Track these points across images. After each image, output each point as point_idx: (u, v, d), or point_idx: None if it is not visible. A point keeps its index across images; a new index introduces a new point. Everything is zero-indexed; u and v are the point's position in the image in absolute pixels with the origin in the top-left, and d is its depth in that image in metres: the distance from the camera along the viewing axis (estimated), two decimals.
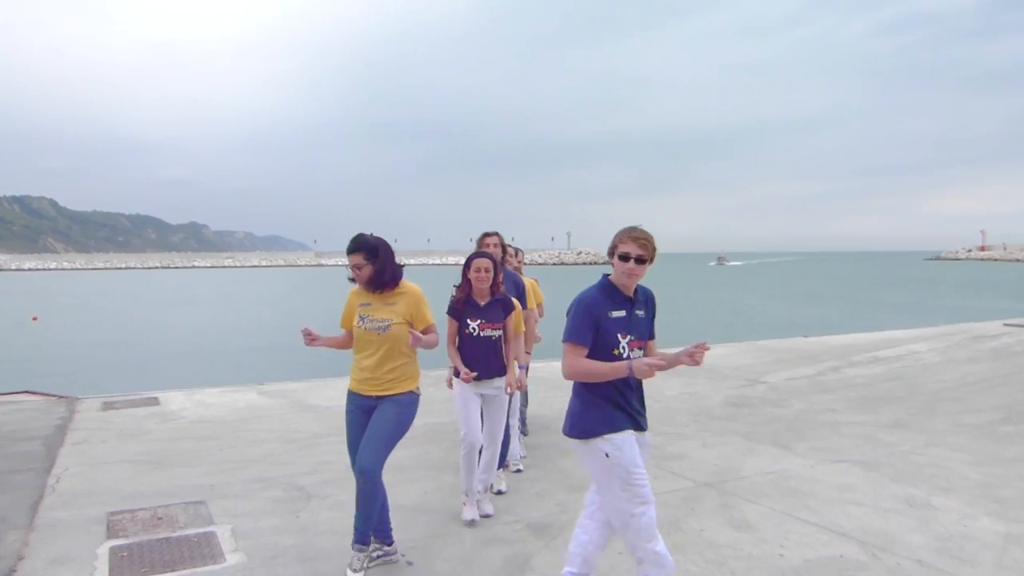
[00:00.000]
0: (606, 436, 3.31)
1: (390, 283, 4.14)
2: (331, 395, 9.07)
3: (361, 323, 4.15)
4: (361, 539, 4.10)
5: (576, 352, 3.31)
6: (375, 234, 4.18)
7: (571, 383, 3.46)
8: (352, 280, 4.22)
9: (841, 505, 5.06)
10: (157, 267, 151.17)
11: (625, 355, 3.33)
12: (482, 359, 4.89)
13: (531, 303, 6.19)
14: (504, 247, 6.10)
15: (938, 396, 8.78)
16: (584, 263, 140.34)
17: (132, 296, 55.21)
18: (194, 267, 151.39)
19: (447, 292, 6.55)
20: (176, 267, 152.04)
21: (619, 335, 3.34)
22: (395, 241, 5.16)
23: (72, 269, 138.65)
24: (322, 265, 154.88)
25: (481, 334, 4.92)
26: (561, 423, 3.55)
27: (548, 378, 9.17)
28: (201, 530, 4.73)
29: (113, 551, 4.41)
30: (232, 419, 7.76)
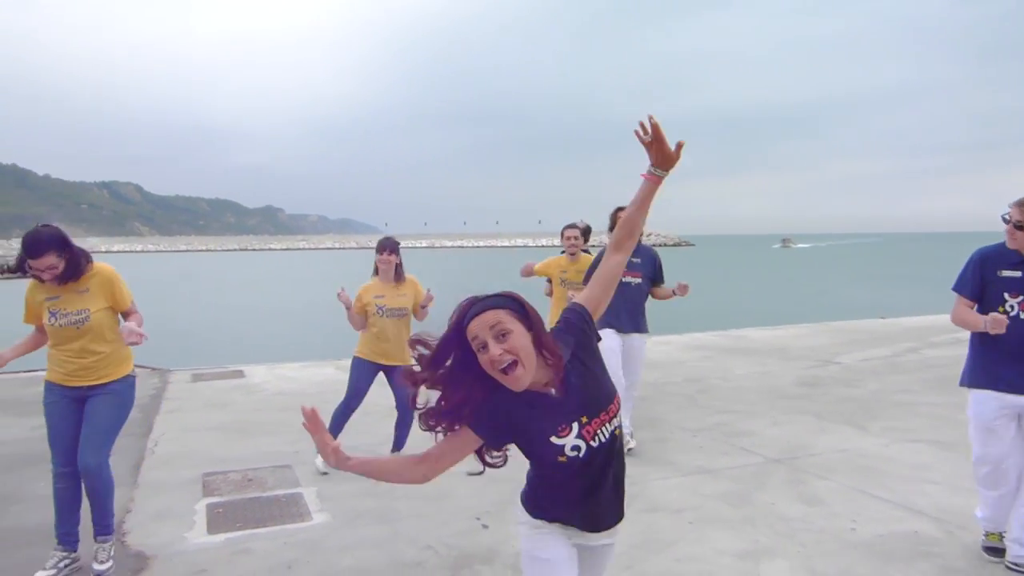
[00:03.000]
0: None
1: (80, 270, 3.75)
2: None
3: (53, 319, 3.74)
4: (104, 530, 3.90)
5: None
6: (45, 224, 3.71)
7: None
8: (18, 273, 3.78)
9: (916, 483, 5.03)
10: (235, 249, 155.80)
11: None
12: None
13: None
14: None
15: None
16: (654, 244, 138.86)
17: (213, 277, 57.19)
18: (270, 249, 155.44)
19: (518, 271, 6.72)
20: (253, 249, 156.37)
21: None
22: (464, 224, 5.37)
23: (156, 252, 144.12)
24: None
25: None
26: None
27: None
28: (288, 491, 5.02)
29: (209, 507, 4.72)
30: (312, 392, 8.09)
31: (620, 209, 5.74)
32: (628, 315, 5.81)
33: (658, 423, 6.74)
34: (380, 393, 8.13)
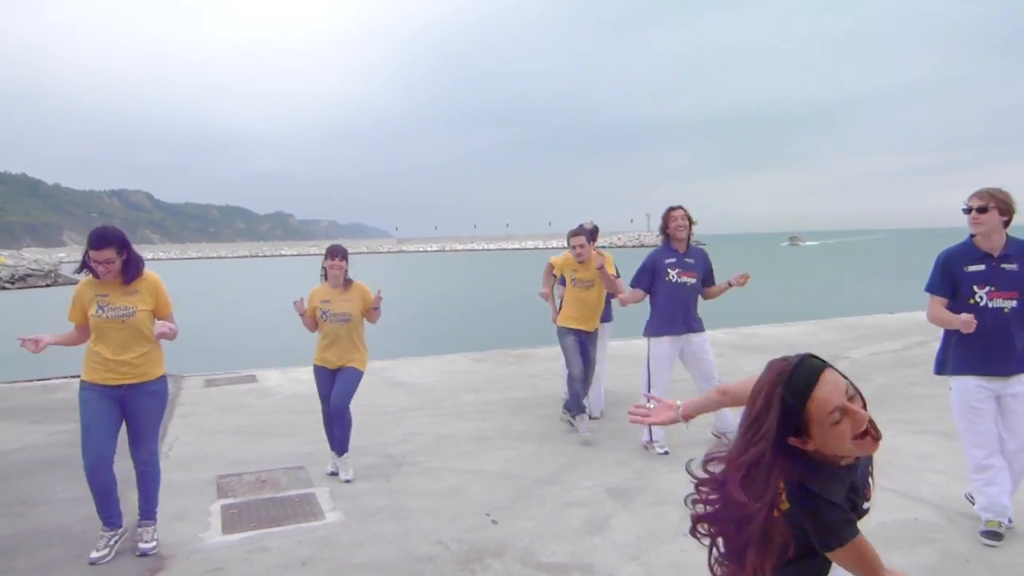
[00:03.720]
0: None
1: (137, 272, 4.13)
2: (417, 372, 9.44)
3: (101, 312, 4.05)
4: (149, 515, 4.32)
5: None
6: (110, 224, 4.17)
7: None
8: (84, 272, 4.10)
9: (920, 473, 5.09)
10: (246, 256, 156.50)
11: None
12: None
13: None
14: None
15: None
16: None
17: (225, 283, 57.54)
18: (281, 255, 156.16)
19: (527, 274, 6.79)
20: (264, 255, 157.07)
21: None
22: (474, 227, 5.46)
23: (168, 259, 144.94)
24: (403, 251, 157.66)
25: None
26: (637, 399, 3.74)
27: (626, 356, 9.33)
28: (302, 491, 5.11)
29: (224, 508, 4.82)
30: None
31: (672, 209, 5.87)
32: (683, 317, 5.83)
33: None
34: (392, 394, 8.24)
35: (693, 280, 5.85)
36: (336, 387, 5.41)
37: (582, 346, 6.22)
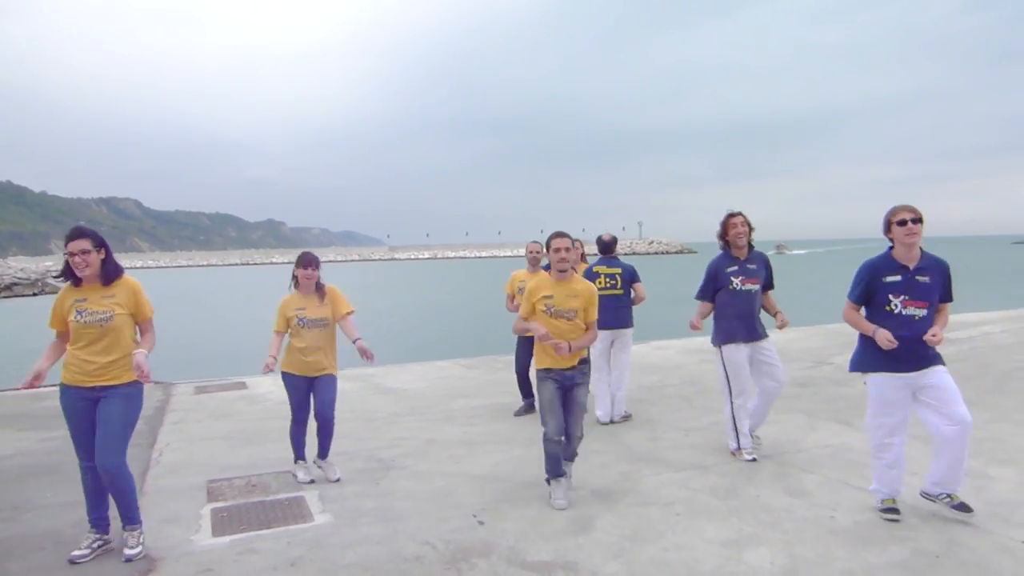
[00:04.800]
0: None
1: (115, 274, 4.18)
2: (406, 379, 9.53)
3: (79, 317, 4.09)
4: (132, 520, 4.27)
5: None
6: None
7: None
8: (62, 278, 4.17)
9: None
10: (237, 264, 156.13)
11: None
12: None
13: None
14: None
15: (1009, 376, 8.70)
16: (656, 252, 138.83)
17: (215, 290, 57.40)
18: (272, 263, 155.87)
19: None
20: (255, 263, 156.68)
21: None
22: (466, 234, 5.49)
23: (158, 267, 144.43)
24: (395, 259, 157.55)
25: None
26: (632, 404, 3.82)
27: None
28: (291, 495, 5.19)
29: (214, 512, 4.89)
30: None
31: (732, 216, 5.80)
32: (751, 323, 5.79)
33: (654, 423, 6.92)
34: (382, 400, 8.32)
35: (756, 287, 5.79)
36: (322, 397, 5.44)
37: (564, 394, 4.94)
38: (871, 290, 4.43)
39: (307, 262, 5.43)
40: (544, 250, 5.44)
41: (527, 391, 7.46)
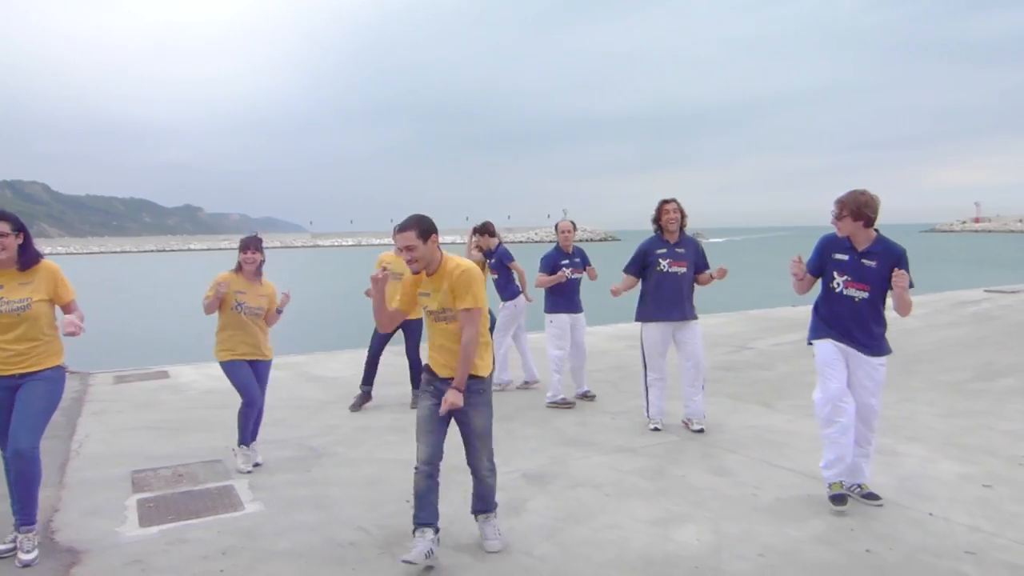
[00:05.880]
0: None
1: (33, 260, 4.07)
2: (335, 367, 9.43)
3: None
4: (28, 520, 4.01)
5: None
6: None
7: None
8: None
9: (814, 454, 5.40)
10: (152, 251, 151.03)
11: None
12: None
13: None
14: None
15: (917, 358, 9.17)
16: (580, 239, 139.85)
17: (129, 278, 55.49)
18: (190, 250, 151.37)
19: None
20: (172, 250, 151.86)
21: None
22: (391, 221, 5.41)
23: (67, 254, 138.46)
24: (319, 246, 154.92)
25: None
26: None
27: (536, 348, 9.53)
28: (220, 484, 5.11)
29: (140, 503, 4.78)
30: None
31: (665, 202, 6.12)
32: (675, 305, 6.07)
33: (581, 408, 7.05)
34: (310, 388, 8.23)
35: (684, 269, 6.09)
36: (259, 384, 5.45)
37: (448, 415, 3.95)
38: (823, 263, 4.57)
39: (245, 245, 5.42)
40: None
41: (369, 378, 7.36)
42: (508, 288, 7.85)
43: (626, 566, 3.77)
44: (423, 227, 3.75)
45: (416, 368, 7.27)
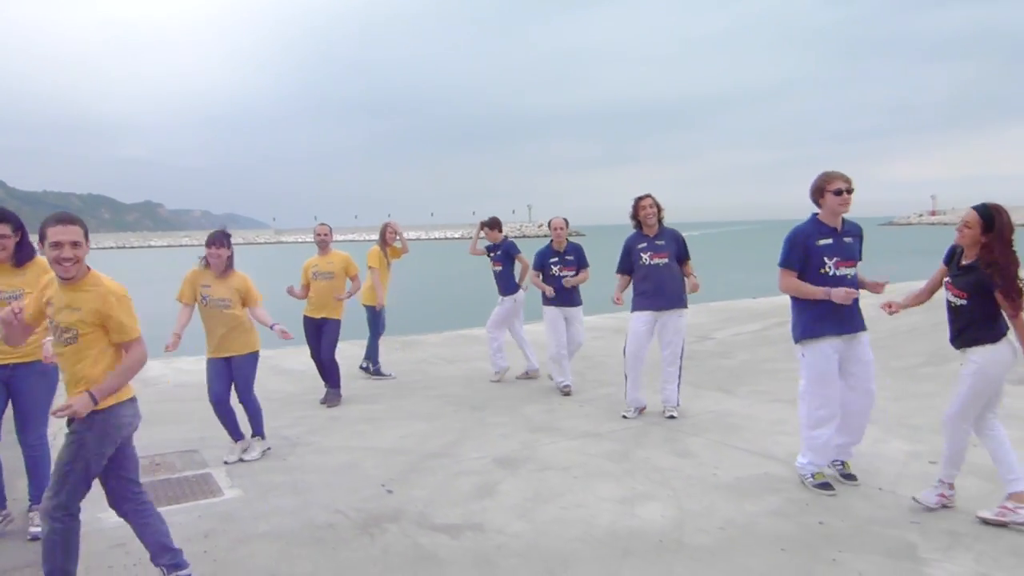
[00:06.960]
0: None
1: (28, 257, 4.23)
2: (304, 360, 9.46)
3: None
4: (41, 499, 4.12)
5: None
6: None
7: None
8: None
9: (772, 436, 5.70)
10: (112, 247, 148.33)
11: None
12: None
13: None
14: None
15: (873, 344, 9.42)
16: (546, 235, 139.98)
17: None
18: (150, 247, 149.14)
19: (410, 263, 7.04)
20: (132, 247, 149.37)
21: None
22: (355, 217, 5.54)
23: None
24: (281, 242, 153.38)
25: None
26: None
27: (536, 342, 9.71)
28: (198, 472, 5.23)
29: None
30: None
31: (641, 199, 6.33)
32: (661, 295, 6.26)
33: (549, 396, 7.25)
34: (280, 381, 8.31)
35: (665, 260, 6.28)
36: (238, 381, 5.57)
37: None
38: (806, 254, 4.55)
39: (209, 241, 5.50)
40: (331, 233, 7.68)
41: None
42: (508, 283, 8.08)
43: (594, 540, 3.96)
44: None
45: (328, 367, 7.45)
